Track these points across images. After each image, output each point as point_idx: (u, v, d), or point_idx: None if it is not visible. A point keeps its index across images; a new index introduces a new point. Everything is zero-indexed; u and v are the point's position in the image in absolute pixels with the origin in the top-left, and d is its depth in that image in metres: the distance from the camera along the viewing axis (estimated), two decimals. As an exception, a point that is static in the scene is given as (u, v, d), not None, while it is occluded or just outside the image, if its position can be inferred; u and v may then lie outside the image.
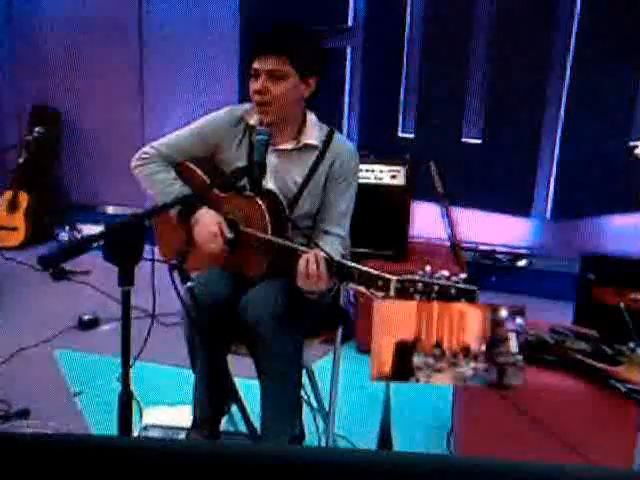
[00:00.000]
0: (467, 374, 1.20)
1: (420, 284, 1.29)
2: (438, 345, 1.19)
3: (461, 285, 1.27)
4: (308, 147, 1.70)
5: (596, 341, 1.68)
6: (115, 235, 1.13)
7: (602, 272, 1.92)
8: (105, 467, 0.64)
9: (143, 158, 1.74)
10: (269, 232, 1.60)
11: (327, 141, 1.70)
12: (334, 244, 1.67)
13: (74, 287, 3.29)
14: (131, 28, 3.93)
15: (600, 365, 1.61)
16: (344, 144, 1.73)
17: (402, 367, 1.20)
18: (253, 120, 1.70)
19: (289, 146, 1.70)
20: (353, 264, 1.43)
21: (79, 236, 4.07)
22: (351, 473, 0.64)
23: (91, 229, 4.14)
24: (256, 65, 1.61)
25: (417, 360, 1.19)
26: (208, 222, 1.62)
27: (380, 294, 1.34)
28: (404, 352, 1.19)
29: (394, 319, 1.19)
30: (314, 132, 1.70)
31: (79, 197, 4.25)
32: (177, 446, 0.74)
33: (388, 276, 1.35)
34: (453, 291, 1.27)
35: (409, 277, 1.31)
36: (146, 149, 1.75)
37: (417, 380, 1.21)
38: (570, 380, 1.67)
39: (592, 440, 1.62)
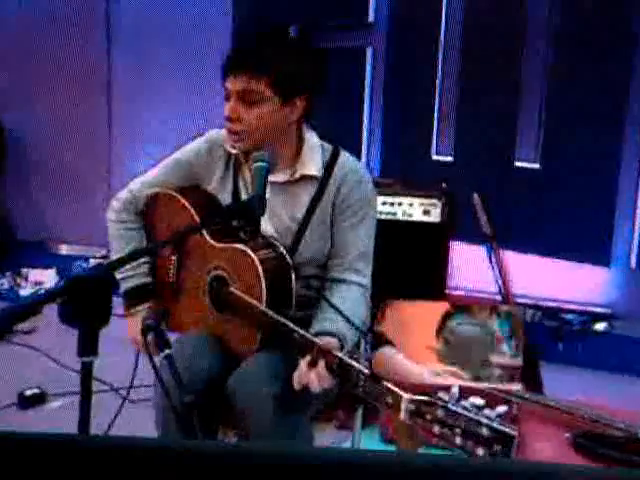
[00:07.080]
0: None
1: (441, 410, 1.25)
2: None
3: (497, 425, 1.19)
4: (307, 178, 1.70)
5: None
6: (78, 291, 1.12)
7: None
8: (105, 467, 0.75)
9: (114, 210, 1.84)
10: (264, 300, 1.59)
11: (330, 164, 1.71)
12: (354, 298, 1.67)
13: (13, 351, 3.24)
14: (96, 26, 4.01)
15: None
16: (351, 165, 1.74)
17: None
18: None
19: (283, 178, 1.71)
20: (359, 366, 1.41)
21: (25, 287, 4.04)
22: (351, 473, 0.75)
23: (40, 274, 4.12)
24: (227, 84, 1.64)
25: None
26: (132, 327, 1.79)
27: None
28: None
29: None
30: (313, 159, 1.70)
31: (25, 233, 4.28)
32: (177, 446, 0.87)
33: (399, 392, 1.33)
34: (485, 431, 1.19)
35: (426, 398, 1.28)
36: (121, 194, 1.83)
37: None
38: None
39: None
